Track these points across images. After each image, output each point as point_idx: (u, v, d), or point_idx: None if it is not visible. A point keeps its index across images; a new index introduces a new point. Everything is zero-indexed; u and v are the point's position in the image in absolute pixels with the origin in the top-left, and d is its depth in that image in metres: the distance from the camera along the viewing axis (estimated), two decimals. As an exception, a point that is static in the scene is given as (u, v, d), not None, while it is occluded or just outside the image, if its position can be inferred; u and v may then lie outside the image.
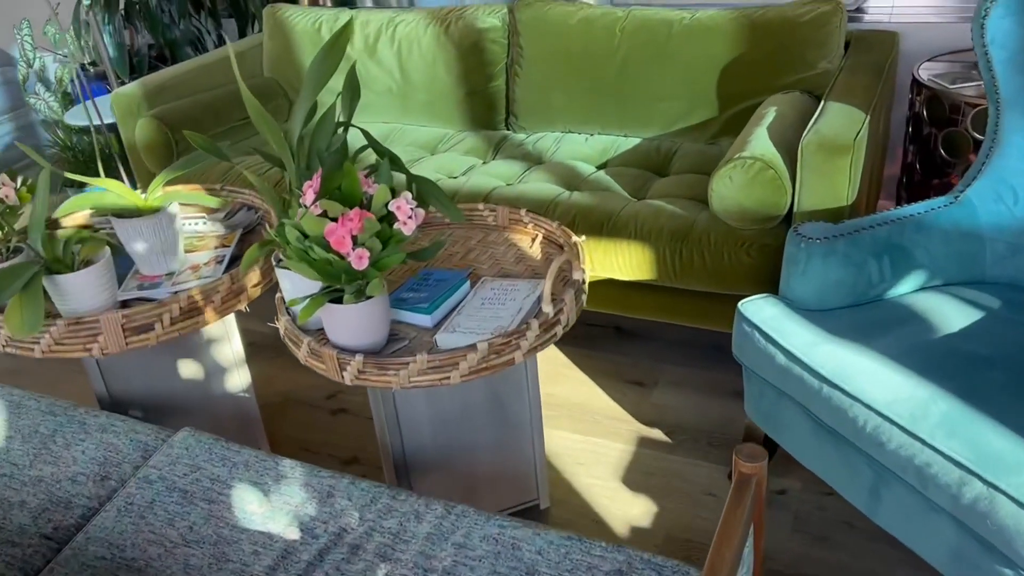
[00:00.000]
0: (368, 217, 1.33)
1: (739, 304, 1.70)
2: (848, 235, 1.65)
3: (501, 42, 2.70)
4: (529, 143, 2.63)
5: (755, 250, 1.96)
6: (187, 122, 2.65)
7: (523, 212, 1.87)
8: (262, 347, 2.55)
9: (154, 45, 3.15)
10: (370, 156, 2.48)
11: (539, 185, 2.30)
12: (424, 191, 1.55)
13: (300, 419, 2.22)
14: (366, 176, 1.43)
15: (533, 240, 1.84)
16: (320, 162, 1.48)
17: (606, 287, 2.21)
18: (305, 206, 1.38)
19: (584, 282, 1.61)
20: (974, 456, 1.28)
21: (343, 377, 1.46)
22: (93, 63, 3.05)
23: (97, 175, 3.07)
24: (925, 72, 2.32)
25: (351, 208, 1.36)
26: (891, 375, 1.44)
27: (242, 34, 3.32)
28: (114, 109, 2.68)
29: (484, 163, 2.55)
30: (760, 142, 1.94)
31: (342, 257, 1.35)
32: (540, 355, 2.40)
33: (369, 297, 1.42)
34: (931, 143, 2.24)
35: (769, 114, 2.12)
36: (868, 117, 1.92)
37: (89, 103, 2.94)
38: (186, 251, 1.85)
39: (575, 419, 2.14)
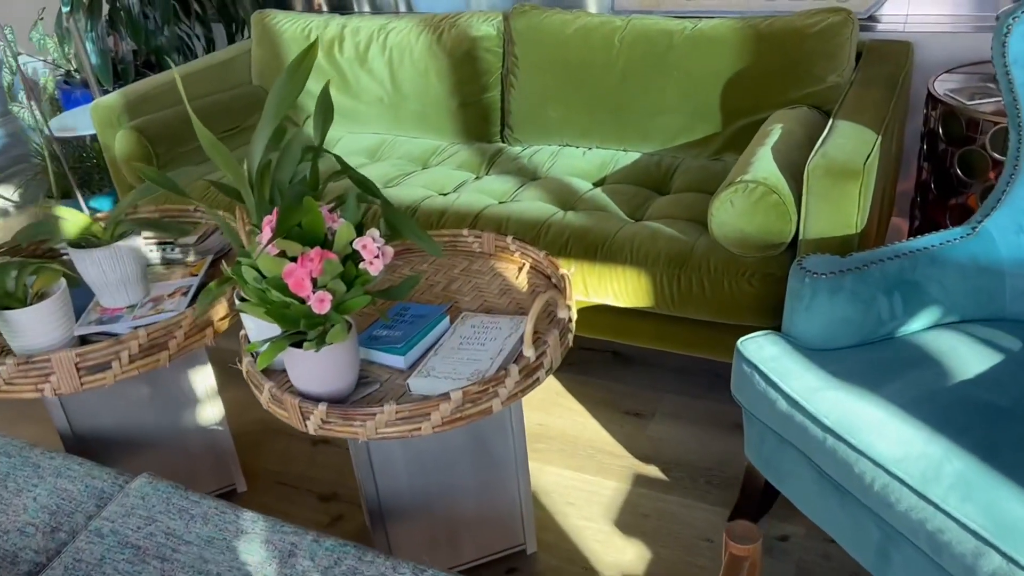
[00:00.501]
0: (330, 258, 1.22)
1: (739, 342, 1.59)
2: (856, 270, 1.53)
3: (496, 51, 2.58)
4: (524, 157, 2.52)
5: (757, 279, 1.84)
6: (169, 134, 2.55)
7: (509, 239, 1.76)
8: (239, 371, 2.45)
9: (139, 52, 3.06)
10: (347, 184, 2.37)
11: (532, 204, 2.18)
12: (398, 224, 1.44)
13: (278, 450, 2.12)
14: (331, 210, 1.32)
15: (520, 270, 1.72)
16: (280, 195, 1.37)
17: (601, 313, 2.10)
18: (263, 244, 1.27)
19: (571, 320, 1.50)
20: (991, 524, 1.16)
21: (306, 427, 1.35)
22: (77, 70, 2.96)
23: (87, 188, 2.98)
24: (941, 86, 2.19)
25: (312, 247, 1.25)
26: (901, 427, 1.33)
27: (231, 40, 3.22)
28: (94, 120, 2.58)
29: (477, 178, 2.44)
30: (764, 164, 1.82)
31: (302, 301, 1.25)
32: (533, 382, 2.29)
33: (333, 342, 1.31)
34: (947, 161, 2.12)
35: (774, 132, 2.00)
36: (880, 137, 1.80)
37: (60, 114, 2.84)
38: (152, 280, 1.75)
39: (567, 453, 2.03)
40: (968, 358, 1.47)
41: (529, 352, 1.36)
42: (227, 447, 1.93)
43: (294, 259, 1.24)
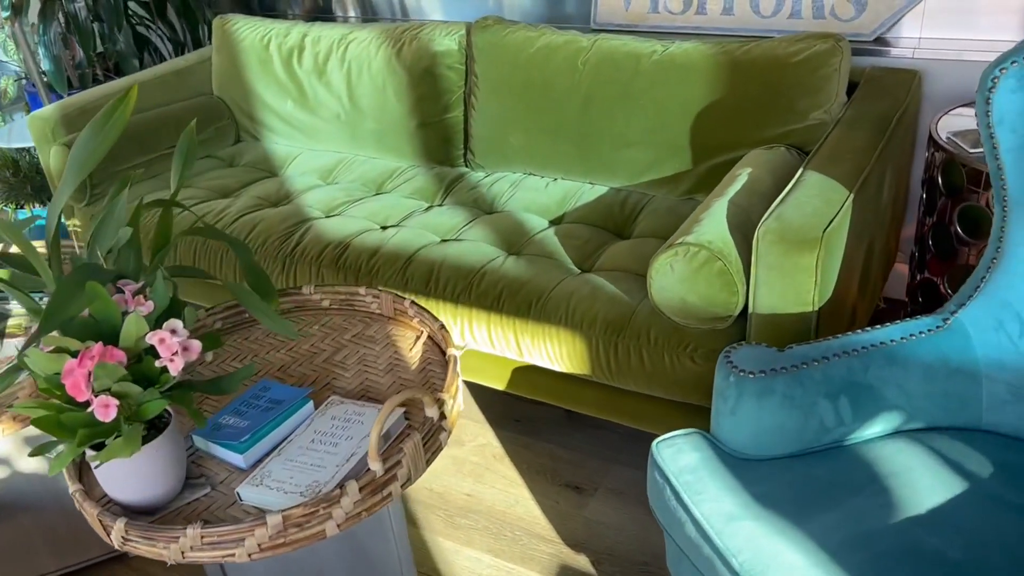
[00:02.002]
0: (110, 361, 1.01)
1: (654, 444, 1.34)
2: (791, 369, 1.27)
3: (458, 68, 2.35)
4: (484, 185, 2.28)
5: (701, 355, 1.59)
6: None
7: (408, 303, 1.54)
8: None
9: (103, 57, 2.89)
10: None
11: (473, 246, 1.95)
12: (245, 303, 1.23)
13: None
14: (134, 294, 1.11)
15: (417, 339, 1.50)
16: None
17: (541, 373, 1.87)
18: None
19: (445, 417, 1.27)
20: None
21: (111, 540, 1.15)
22: (25, 76, 2.82)
23: (33, 198, 2.83)
24: (948, 124, 1.90)
25: (105, 339, 1.05)
26: (820, 582, 1.08)
27: (197, 44, 3.03)
28: (31, 133, 2.42)
29: (428, 208, 2.22)
30: (713, 222, 1.57)
31: (84, 405, 1.04)
32: (469, 443, 2.07)
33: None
34: (946, 216, 1.83)
35: (739, 179, 1.74)
36: (852, 195, 1.53)
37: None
38: None
39: (492, 533, 1.81)
40: (923, 484, 1.21)
41: (375, 466, 1.14)
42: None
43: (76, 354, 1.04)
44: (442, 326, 1.44)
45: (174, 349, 1.04)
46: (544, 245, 1.96)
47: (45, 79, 2.77)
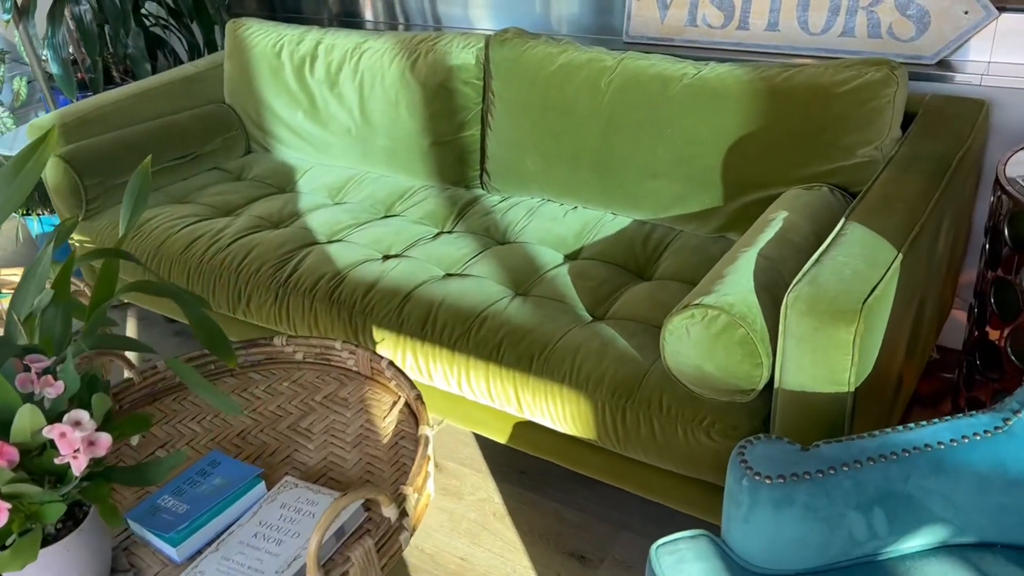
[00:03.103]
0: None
1: (653, 548, 1.16)
2: (816, 475, 1.08)
3: (475, 84, 2.17)
4: (499, 211, 2.11)
5: (719, 431, 1.40)
6: (101, 163, 2.26)
7: (385, 364, 1.37)
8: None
9: (115, 61, 2.78)
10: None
11: (477, 284, 1.78)
12: (186, 379, 1.07)
13: None
14: (39, 374, 0.96)
15: (393, 404, 1.34)
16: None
17: (542, 430, 1.69)
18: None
19: (407, 515, 1.10)
20: None
21: (16, 648, 1.01)
22: (31, 80, 2.72)
23: (41, 205, 2.74)
24: (1015, 169, 1.67)
25: (4, 431, 0.90)
26: None
27: (212, 48, 2.90)
28: (29, 141, 2.31)
29: (435, 236, 2.05)
30: (737, 280, 1.37)
31: (-29, 507, 0.90)
32: (469, 496, 1.90)
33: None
34: (1011, 271, 1.60)
35: (772, 224, 1.54)
36: (901, 255, 1.32)
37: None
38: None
39: (483, 605, 1.64)
40: (971, 624, 1.01)
41: (314, 579, 0.98)
42: None
43: (-35, 448, 0.89)
44: (419, 396, 1.27)
45: (76, 445, 0.89)
46: (555, 285, 1.78)
47: (53, 83, 2.67)
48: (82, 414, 0.91)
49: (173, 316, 2.28)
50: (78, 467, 0.91)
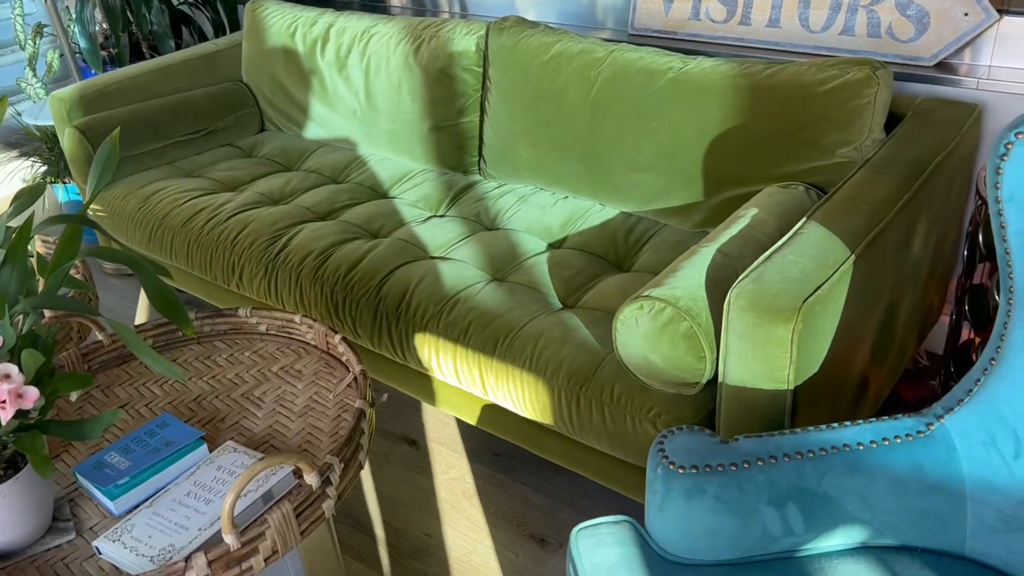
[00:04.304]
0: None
1: (574, 532, 1.18)
2: (729, 468, 1.09)
3: (474, 70, 2.20)
4: (491, 197, 2.14)
5: (664, 422, 1.41)
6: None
7: (338, 339, 1.41)
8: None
9: (141, 36, 2.87)
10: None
11: (456, 267, 1.82)
12: (130, 343, 1.12)
13: None
14: (-22, 328, 1.02)
15: (343, 379, 1.38)
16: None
17: (506, 413, 1.72)
18: None
19: (331, 483, 1.14)
20: None
21: (-46, 585, 1.08)
22: (61, 54, 2.82)
23: (68, 174, 2.84)
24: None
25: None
26: None
27: (235, 27, 2.97)
28: (52, 113, 2.41)
29: (428, 219, 2.09)
30: (688, 275, 1.38)
31: (-94, 449, 0.96)
32: (442, 475, 1.94)
33: (-26, 493, 1.02)
34: (984, 279, 1.58)
35: (739, 221, 1.54)
36: (854, 257, 1.32)
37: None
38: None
39: (440, 581, 1.68)
40: (872, 624, 1.02)
41: (228, 539, 1.02)
42: None
43: (-97, 394, 0.95)
44: (363, 371, 1.31)
45: (2, 397, 0.95)
46: (532, 273, 1.80)
47: (81, 56, 2.76)
48: (11, 367, 0.97)
49: (180, 288, 2.36)
50: (4, 417, 0.96)
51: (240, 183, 2.34)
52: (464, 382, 1.69)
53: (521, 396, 1.59)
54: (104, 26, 2.95)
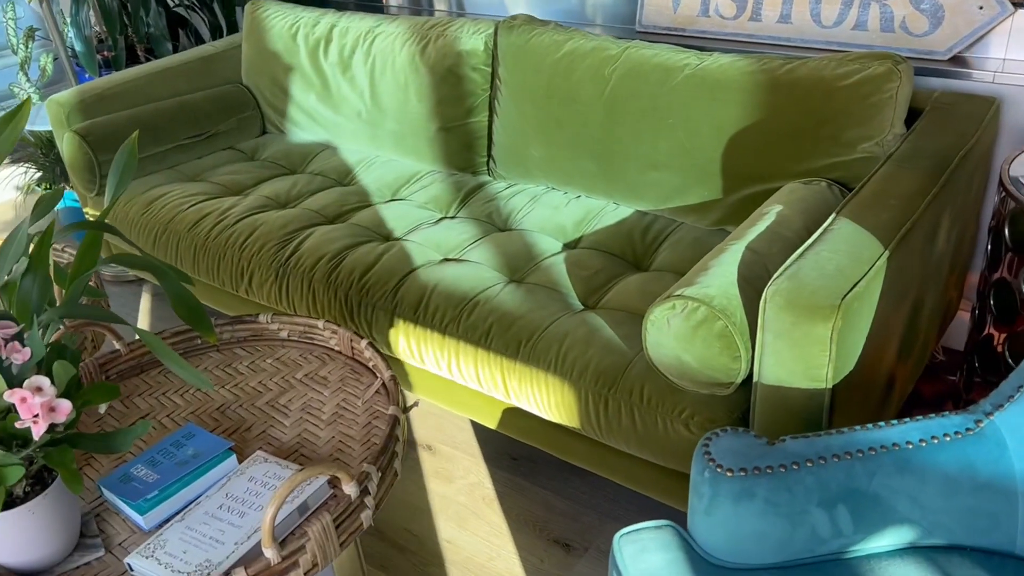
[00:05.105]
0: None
1: (616, 537, 1.16)
2: (778, 470, 1.07)
3: (483, 70, 2.17)
4: (502, 198, 2.11)
5: (697, 424, 1.39)
6: (116, 140, 2.29)
7: (364, 344, 1.38)
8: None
9: (136, 40, 2.82)
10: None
11: (473, 269, 1.79)
12: (158, 352, 1.09)
13: None
14: (7, 340, 0.98)
15: (371, 385, 1.35)
16: None
17: (529, 416, 1.70)
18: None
19: (369, 493, 1.11)
20: None
21: (-17, 606, 1.04)
22: (56, 57, 2.77)
23: (63, 179, 2.79)
24: (1019, 170, 1.63)
25: (-36, 392, 0.93)
26: None
27: (233, 29, 2.93)
28: (49, 117, 2.36)
29: (439, 220, 2.06)
30: (721, 272, 1.36)
31: (-65, 466, 0.93)
32: (460, 480, 1.91)
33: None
34: (1011, 272, 1.57)
35: (765, 218, 1.52)
36: (888, 253, 1.30)
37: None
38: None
39: (464, 588, 1.65)
40: (928, 626, 1.00)
41: (269, 553, 0.99)
42: None
43: (-70, 409, 0.92)
44: (393, 377, 1.28)
45: (35, 411, 0.91)
46: (550, 273, 1.78)
47: (77, 60, 2.72)
48: (43, 380, 0.93)
49: (182, 292, 2.31)
50: (37, 432, 0.93)
51: (244, 187, 2.30)
52: (486, 385, 1.66)
53: (546, 399, 1.57)
54: (98, 29, 2.91)
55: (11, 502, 1.01)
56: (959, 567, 1.09)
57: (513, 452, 1.98)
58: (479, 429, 2.06)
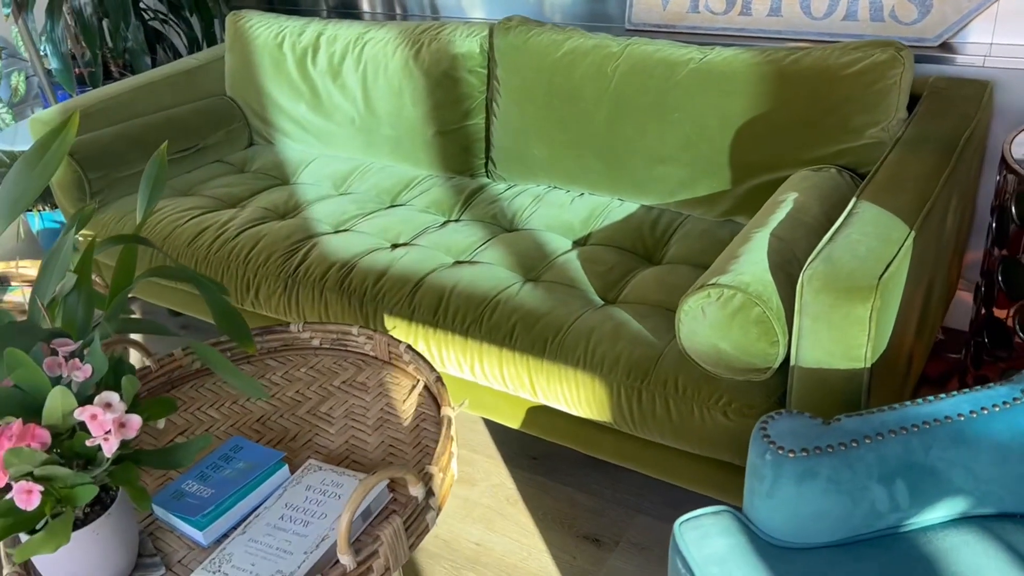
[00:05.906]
0: (29, 443, 0.87)
1: (677, 524, 1.17)
2: (839, 448, 1.09)
3: (479, 72, 2.17)
4: (505, 199, 2.11)
5: (735, 411, 1.40)
6: (105, 157, 2.25)
7: (403, 348, 1.38)
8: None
9: (112, 55, 2.77)
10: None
11: (487, 270, 1.79)
12: (212, 363, 1.07)
13: None
14: (66, 357, 0.96)
15: (412, 388, 1.34)
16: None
17: (558, 415, 1.70)
18: (-32, 403, 0.93)
19: (434, 494, 1.11)
20: None
21: (47, 633, 1.01)
22: (32, 75, 2.71)
23: (42, 201, 2.73)
24: (1020, 149, 1.68)
25: (29, 417, 0.90)
26: None
27: (211, 41, 2.90)
28: (33, 137, 2.31)
29: (444, 223, 2.05)
30: (751, 259, 1.38)
31: (4, 490, 0.90)
32: (482, 483, 1.90)
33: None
34: (1019, 249, 1.61)
35: (783, 205, 1.55)
36: (914, 232, 1.33)
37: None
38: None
39: (499, 589, 1.65)
40: (995, 592, 1.02)
41: (345, 559, 0.98)
42: None
43: (-3, 432, 0.89)
44: (438, 378, 1.27)
45: (107, 427, 0.89)
46: (565, 271, 1.78)
47: (52, 78, 2.66)
48: (113, 396, 0.91)
49: (179, 309, 2.27)
50: (109, 449, 0.91)
51: (239, 199, 2.27)
52: (511, 386, 1.66)
53: (576, 395, 1.57)
54: (70, 46, 2.85)
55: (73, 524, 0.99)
56: (1012, 533, 1.11)
57: (531, 451, 1.98)
58: (494, 430, 2.06)
